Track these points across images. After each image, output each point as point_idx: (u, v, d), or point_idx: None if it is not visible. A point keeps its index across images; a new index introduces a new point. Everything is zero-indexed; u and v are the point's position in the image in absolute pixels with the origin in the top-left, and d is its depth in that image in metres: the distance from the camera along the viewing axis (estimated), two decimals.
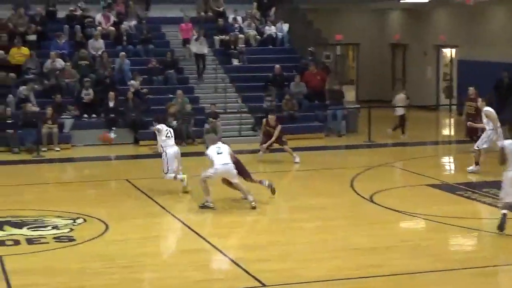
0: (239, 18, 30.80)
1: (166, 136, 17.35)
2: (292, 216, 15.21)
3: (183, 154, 18.14)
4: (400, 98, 26.88)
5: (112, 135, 24.41)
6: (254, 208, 15.35)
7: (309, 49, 29.94)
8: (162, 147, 17.30)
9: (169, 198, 16.69)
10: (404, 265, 11.74)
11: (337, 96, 27.93)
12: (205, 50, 28.44)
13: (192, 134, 25.13)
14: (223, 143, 16.30)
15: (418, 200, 16.46)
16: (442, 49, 34.67)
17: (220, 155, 15.64)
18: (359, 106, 29.94)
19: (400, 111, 26.46)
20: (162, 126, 17.48)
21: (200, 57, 28.35)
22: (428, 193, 17.22)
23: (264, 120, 22.09)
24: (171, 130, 17.66)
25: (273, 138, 21.46)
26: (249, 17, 31.02)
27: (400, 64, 37.97)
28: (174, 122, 23.74)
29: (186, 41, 29.00)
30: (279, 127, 21.58)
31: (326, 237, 13.37)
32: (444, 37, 33.37)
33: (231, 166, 15.71)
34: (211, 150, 15.80)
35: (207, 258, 12.19)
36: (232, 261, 11.83)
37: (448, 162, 23.44)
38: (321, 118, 27.22)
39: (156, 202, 16.21)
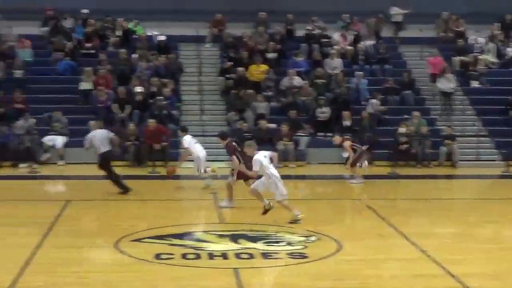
0: (480, 39, 29.98)
1: (195, 143, 19.93)
2: None
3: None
4: None
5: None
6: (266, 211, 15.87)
7: None
8: (194, 152, 19.71)
9: (402, 220, 16.36)
10: None
11: None
12: (452, 85, 27.70)
13: (428, 157, 24.66)
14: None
15: None
16: None
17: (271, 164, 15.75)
18: None
19: None
20: (187, 136, 19.96)
21: (446, 95, 27.67)
22: None
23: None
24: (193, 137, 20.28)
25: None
26: (490, 38, 30.13)
27: None
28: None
29: (433, 76, 28.40)
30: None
31: None
32: None
33: None
34: (262, 158, 15.68)
35: (441, 284, 11.73)
36: None
37: None
38: None
39: (388, 223, 15.93)
